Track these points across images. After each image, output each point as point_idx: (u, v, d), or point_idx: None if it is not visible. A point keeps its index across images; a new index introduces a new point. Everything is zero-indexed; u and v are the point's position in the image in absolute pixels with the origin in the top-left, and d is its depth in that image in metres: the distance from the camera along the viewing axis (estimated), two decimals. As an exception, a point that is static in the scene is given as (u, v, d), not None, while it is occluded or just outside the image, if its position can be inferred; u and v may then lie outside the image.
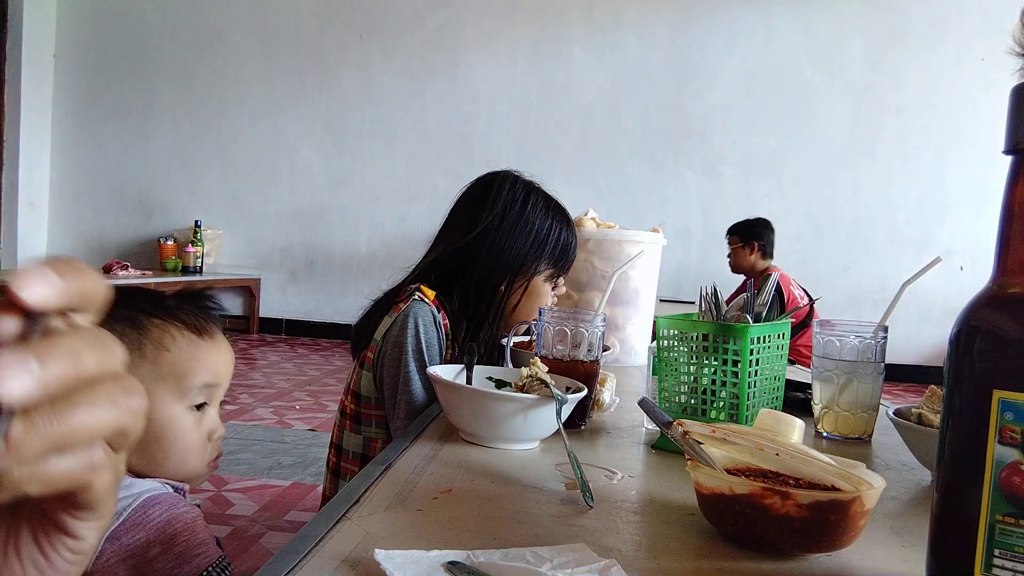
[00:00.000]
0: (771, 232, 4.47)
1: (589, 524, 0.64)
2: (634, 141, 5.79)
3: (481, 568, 0.50)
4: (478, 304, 1.31)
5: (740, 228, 4.51)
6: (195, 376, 0.81)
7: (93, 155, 6.40)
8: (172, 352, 0.80)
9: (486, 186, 1.36)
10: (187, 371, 0.81)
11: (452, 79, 5.94)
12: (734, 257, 4.53)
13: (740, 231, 4.49)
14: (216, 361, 0.84)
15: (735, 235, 4.51)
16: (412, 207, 5.94)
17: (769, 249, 4.45)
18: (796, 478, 0.63)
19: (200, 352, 0.82)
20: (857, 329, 1.00)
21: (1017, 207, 0.45)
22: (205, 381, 0.82)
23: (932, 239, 5.34)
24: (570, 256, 1.39)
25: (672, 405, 0.95)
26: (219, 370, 0.84)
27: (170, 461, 0.81)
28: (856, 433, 0.99)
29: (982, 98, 5.21)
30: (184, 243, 5.98)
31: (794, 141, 5.62)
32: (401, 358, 1.19)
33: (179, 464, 0.82)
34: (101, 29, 6.35)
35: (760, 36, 5.64)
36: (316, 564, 0.52)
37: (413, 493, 0.68)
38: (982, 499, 0.43)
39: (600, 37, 5.80)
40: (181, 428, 0.81)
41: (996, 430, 0.42)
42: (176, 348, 0.81)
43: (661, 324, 0.95)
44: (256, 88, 6.16)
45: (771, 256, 4.46)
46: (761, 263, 4.40)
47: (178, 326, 0.82)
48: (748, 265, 4.43)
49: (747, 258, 4.44)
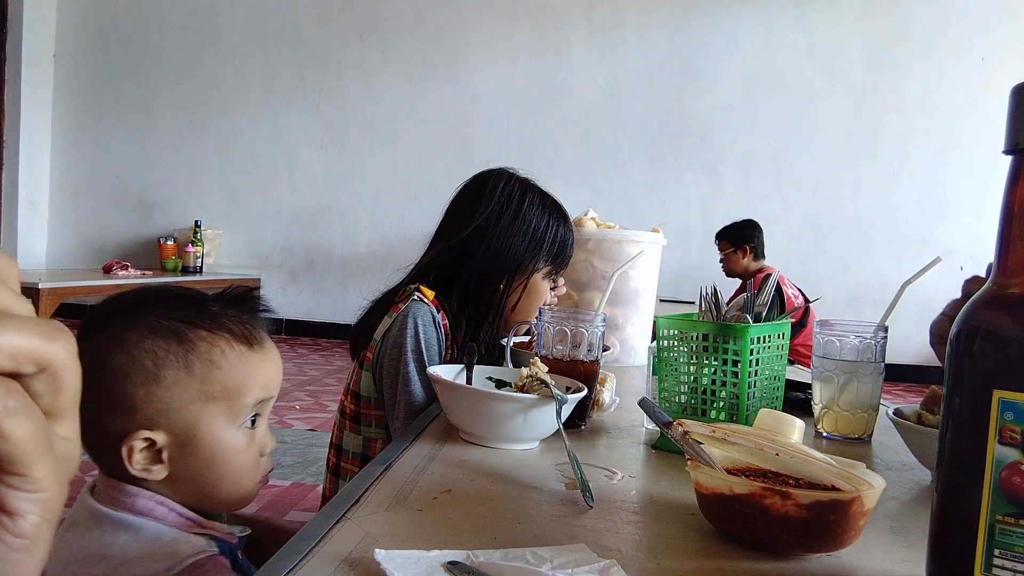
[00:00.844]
0: (760, 232, 4.42)
1: (589, 524, 0.64)
2: (634, 141, 5.79)
3: (481, 568, 0.50)
4: (477, 303, 1.31)
5: (728, 232, 4.45)
6: (248, 394, 0.73)
7: (93, 155, 6.40)
8: (223, 369, 0.72)
9: (481, 184, 1.35)
10: (240, 389, 0.73)
11: (452, 79, 5.94)
12: (727, 262, 4.46)
13: (729, 235, 4.43)
14: (269, 374, 0.76)
15: (724, 240, 4.45)
16: (412, 207, 5.94)
17: (760, 249, 4.40)
18: (796, 478, 0.63)
19: (252, 366, 0.74)
20: (857, 329, 1.00)
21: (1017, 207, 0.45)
22: (258, 398, 0.75)
23: (932, 239, 5.34)
24: (567, 252, 1.39)
25: (672, 405, 0.95)
26: (271, 383, 0.77)
27: (224, 485, 0.74)
28: (856, 433, 0.99)
29: (982, 98, 5.21)
30: (184, 243, 5.98)
31: (794, 141, 5.62)
32: (400, 358, 1.19)
33: (232, 488, 0.75)
34: (101, 29, 6.36)
35: (760, 36, 5.64)
36: (316, 564, 0.52)
37: (413, 493, 0.68)
38: (982, 499, 0.43)
39: (600, 37, 5.80)
40: (234, 450, 0.74)
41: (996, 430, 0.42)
42: (227, 364, 0.72)
43: (661, 324, 0.95)
44: (256, 88, 6.16)
45: (763, 256, 4.42)
46: (754, 265, 4.37)
47: (227, 338, 0.73)
48: (741, 269, 4.39)
49: (740, 262, 4.39)
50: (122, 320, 0.71)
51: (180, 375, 0.70)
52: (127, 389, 0.69)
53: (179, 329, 0.71)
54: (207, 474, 0.73)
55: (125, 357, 0.69)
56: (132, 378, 0.69)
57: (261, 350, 0.75)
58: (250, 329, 0.75)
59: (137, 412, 0.69)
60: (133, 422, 0.69)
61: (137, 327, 0.70)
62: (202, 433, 0.72)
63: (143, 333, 0.70)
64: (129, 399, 0.69)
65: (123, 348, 0.69)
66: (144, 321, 0.71)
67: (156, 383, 0.70)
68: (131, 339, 0.70)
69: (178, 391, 0.70)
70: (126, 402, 0.69)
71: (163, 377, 0.70)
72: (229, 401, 0.72)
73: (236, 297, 0.77)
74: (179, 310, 0.73)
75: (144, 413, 0.70)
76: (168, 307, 0.73)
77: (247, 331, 0.75)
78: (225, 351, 0.72)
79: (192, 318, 0.72)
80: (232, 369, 0.72)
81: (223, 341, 0.73)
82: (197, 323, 0.72)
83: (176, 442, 0.71)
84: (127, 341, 0.70)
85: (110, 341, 0.70)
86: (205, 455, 0.72)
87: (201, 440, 0.72)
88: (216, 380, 0.72)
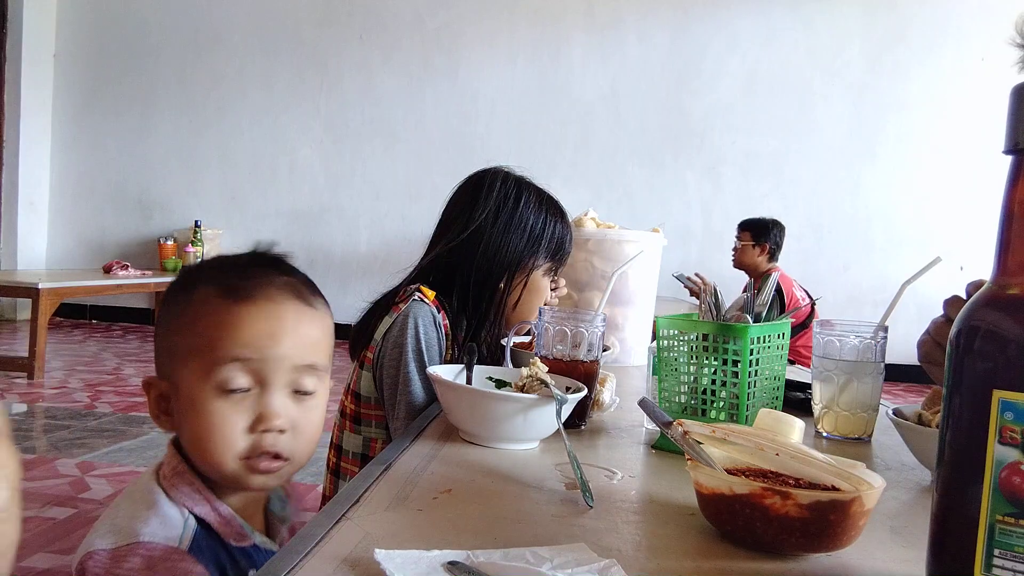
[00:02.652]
0: (782, 236, 4.41)
1: (589, 524, 0.64)
2: (634, 141, 5.79)
3: (481, 568, 0.50)
4: (478, 303, 1.31)
5: (754, 225, 4.42)
6: (221, 349, 0.67)
7: (93, 155, 6.40)
8: (203, 320, 0.69)
9: (477, 184, 1.36)
10: (212, 344, 0.68)
11: (452, 79, 5.94)
12: (740, 252, 4.44)
13: (753, 228, 4.41)
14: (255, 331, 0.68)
15: (748, 231, 4.42)
16: (412, 207, 5.94)
17: (776, 252, 4.41)
18: (796, 478, 0.63)
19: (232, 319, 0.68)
20: (857, 329, 1.00)
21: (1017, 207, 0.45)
22: (235, 355, 0.67)
23: (932, 239, 5.33)
24: (566, 249, 1.39)
25: (672, 405, 0.95)
26: (257, 342, 0.68)
27: (200, 451, 0.69)
28: (856, 433, 0.99)
29: (982, 98, 5.21)
30: (184, 243, 5.98)
31: (794, 141, 5.62)
32: (401, 358, 1.19)
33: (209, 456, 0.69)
34: (101, 29, 6.35)
35: (760, 36, 5.64)
36: (316, 564, 0.52)
37: (413, 493, 0.68)
38: (982, 499, 0.43)
39: (600, 37, 5.80)
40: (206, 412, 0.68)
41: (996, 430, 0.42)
42: (206, 315, 0.69)
43: (661, 324, 0.95)
44: (256, 88, 6.16)
45: (776, 259, 4.43)
46: (765, 264, 4.36)
47: (214, 289, 0.70)
48: (752, 264, 4.38)
49: (754, 257, 4.38)
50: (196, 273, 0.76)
51: (176, 324, 0.72)
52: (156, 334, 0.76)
53: (189, 280, 0.74)
54: (186, 433, 0.71)
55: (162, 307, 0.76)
56: (157, 327, 0.77)
57: (250, 304, 0.69)
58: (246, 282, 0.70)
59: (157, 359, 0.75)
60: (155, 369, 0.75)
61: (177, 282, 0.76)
62: (182, 387, 0.70)
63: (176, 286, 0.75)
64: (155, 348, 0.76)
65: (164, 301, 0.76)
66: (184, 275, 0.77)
67: (164, 329, 0.74)
68: (170, 290, 0.76)
69: (171, 340, 0.73)
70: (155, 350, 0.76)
71: (167, 325, 0.74)
72: (202, 356, 0.68)
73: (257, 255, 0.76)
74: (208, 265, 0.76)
75: (159, 360, 0.75)
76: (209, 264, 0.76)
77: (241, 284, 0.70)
78: (209, 302, 0.70)
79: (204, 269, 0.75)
80: (210, 321, 0.69)
81: (211, 292, 0.70)
82: (200, 273, 0.74)
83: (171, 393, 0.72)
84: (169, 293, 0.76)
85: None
86: (182, 410, 0.70)
87: (181, 394, 0.71)
88: (197, 332, 0.69)
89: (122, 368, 4.47)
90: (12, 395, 3.65)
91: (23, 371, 4.03)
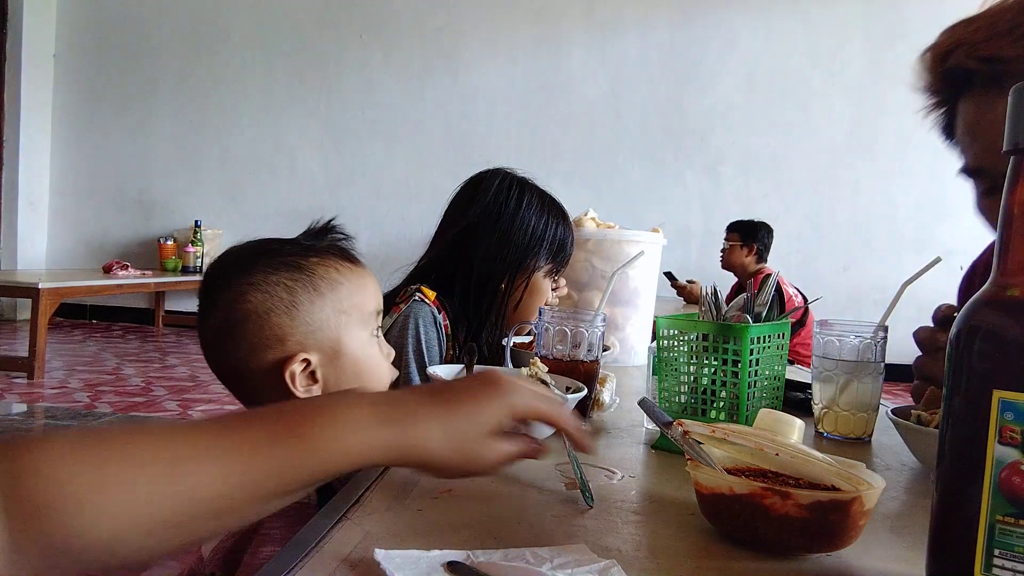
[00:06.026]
0: (770, 238, 4.49)
1: (589, 524, 0.64)
2: (634, 141, 5.79)
3: (481, 568, 0.50)
4: (479, 304, 1.31)
5: (742, 227, 4.51)
6: (371, 302, 0.83)
7: (93, 155, 6.40)
8: (345, 284, 0.81)
9: (478, 184, 1.36)
10: (364, 300, 0.82)
11: (452, 79, 5.94)
12: (728, 253, 4.52)
13: (742, 230, 4.49)
14: (374, 285, 0.85)
15: (736, 232, 4.50)
16: (412, 207, 5.94)
17: (764, 254, 4.47)
18: (796, 478, 0.63)
19: (364, 279, 0.83)
20: (857, 329, 1.00)
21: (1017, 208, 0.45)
22: (376, 307, 0.83)
23: (932, 239, 5.33)
24: (568, 250, 1.39)
25: (672, 405, 0.95)
26: (379, 294, 0.86)
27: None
28: (856, 433, 0.99)
29: (982, 98, 5.20)
30: (184, 243, 5.98)
31: (794, 141, 5.62)
32: (401, 359, 1.19)
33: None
34: (101, 29, 6.35)
35: (760, 36, 5.64)
36: (316, 564, 0.52)
37: (413, 493, 0.68)
38: (982, 499, 0.43)
39: (600, 37, 5.80)
40: (374, 357, 0.82)
41: (996, 430, 0.42)
42: (346, 280, 0.81)
43: (661, 324, 0.95)
44: (256, 88, 6.16)
45: (765, 260, 4.48)
46: (754, 265, 4.42)
47: (335, 258, 0.82)
48: (740, 264, 4.45)
49: (742, 258, 4.45)
50: (240, 271, 0.79)
51: (312, 296, 0.79)
52: (272, 321, 0.77)
53: (293, 261, 0.80)
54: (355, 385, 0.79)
55: (261, 295, 0.77)
56: (273, 311, 0.78)
57: (363, 267, 0.85)
58: (346, 250, 0.84)
59: (288, 339, 0.77)
60: (286, 349, 0.77)
61: (256, 272, 0.79)
62: (345, 345, 0.79)
63: (266, 273, 0.78)
64: (277, 330, 0.77)
65: (255, 290, 0.78)
66: (259, 266, 0.79)
67: (296, 308, 0.78)
68: (257, 281, 0.78)
69: (315, 311, 0.78)
70: (275, 333, 0.77)
71: (299, 302, 0.78)
72: (358, 312, 0.81)
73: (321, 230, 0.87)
74: (282, 250, 0.81)
75: (294, 339, 0.78)
76: (271, 251, 0.81)
77: (345, 252, 0.84)
78: (339, 269, 0.81)
79: (298, 251, 0.81)
80: (351, 283, 0.81)
81: (334, 261, 0.82)
82: (304, 253, 0.81)
83: (326, 359, 0.78)
84: (255, 284, 0.78)
85: (239, 290, 0.78)
86: (351, 367, 0.79)
87: (346, 352, 0.79)
88: (343, 295, 0.80)
89: (122, 368, 4.48)
90: (12, 395, 3.66)
91: (23, 371, 4.03)
